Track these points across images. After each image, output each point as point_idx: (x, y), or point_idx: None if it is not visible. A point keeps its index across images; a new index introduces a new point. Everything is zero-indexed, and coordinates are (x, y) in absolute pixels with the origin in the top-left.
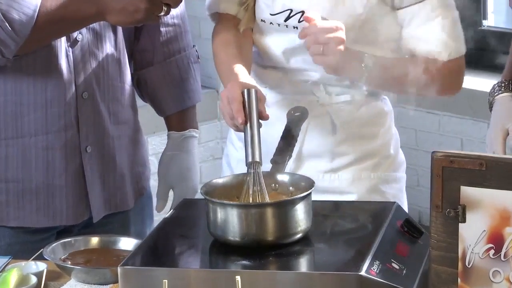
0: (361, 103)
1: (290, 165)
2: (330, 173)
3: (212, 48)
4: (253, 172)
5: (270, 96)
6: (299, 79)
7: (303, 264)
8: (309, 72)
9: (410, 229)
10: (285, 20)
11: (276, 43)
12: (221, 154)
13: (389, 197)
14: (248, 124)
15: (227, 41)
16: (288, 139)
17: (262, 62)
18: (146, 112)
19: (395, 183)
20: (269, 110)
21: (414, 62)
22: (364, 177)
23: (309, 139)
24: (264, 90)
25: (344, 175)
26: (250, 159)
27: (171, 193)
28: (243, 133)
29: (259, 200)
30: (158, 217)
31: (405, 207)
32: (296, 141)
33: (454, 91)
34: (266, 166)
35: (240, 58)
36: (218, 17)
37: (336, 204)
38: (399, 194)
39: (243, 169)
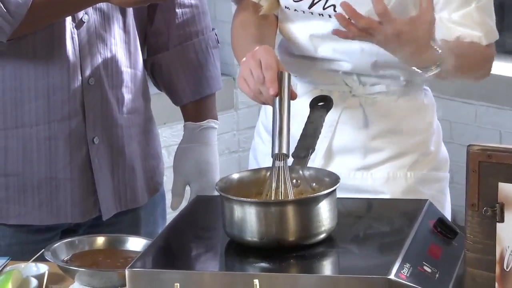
0: (399, 94)
1: (318, 161)
2: (362, 171)
3: (231, 30)
4: (280, 166)
5: (299, 86)
6: (329, 68)
7: (327, 267)
8: (340, 62)
9: (444, 229)
10: (309, 7)
11: (302, 30)
12: (237, 147)
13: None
14: (278, 107)
15: (247, 22)
16: (311, 131)
17: (290, 50)
18: (156, 102)
19: (435, 183)
20: (298, 102)
21: (459, 46)
22: (399, 176)
23: (340, 133)
24: (294, 79)
25: (378, 173)
26: (276, 151)
27: (187, 189)
28: (271, 125)
29: (282, 198)
30: (170, 216)
31: (448, 210)
32: (320, 133)
33: (484, 77)
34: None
35: (261, 38)
36: (239, 1)
37: (364, 202)
38: (439, 196)
39: (270, 164)
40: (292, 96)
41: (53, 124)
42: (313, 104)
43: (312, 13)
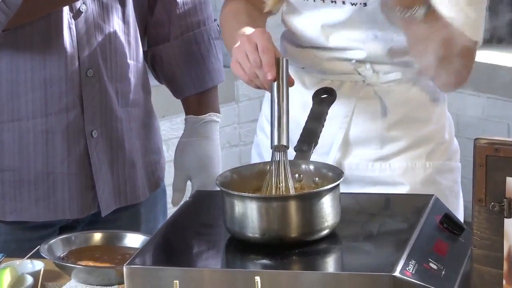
0: (413, 82)
1: (334, 154)
2: (380, 162)
3: (220, 19)
4: (279, 159)
5: (309, 78)
6: (341, 57)
7: (330, 263)
8: (353, 50)
9: (450, 225)
10: None
11: (312, 21)
12: (238, 141)
13: (444, 189)
14: (276, 95)
15: (237, 10)
16: (314, 124)
17: (295, 42)
18: (155, 94)
19: (450, 173)
20: (308, 93)
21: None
22: (418, 166)
23: (356, 124)
24: (301, 72)
25: (396, 163)
26: (276, 142)
27: (188, 184)
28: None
29: (283, 192)
30: (172, 212)
31: (461, 202)
32: (323, 126)
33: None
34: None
35: (254, 26)
36: None
37: (367, 197)
38: (454, 186)
39: None
40: (290, 82)
41: (50, 117)
42: (316, 96)
43: (323, 1)
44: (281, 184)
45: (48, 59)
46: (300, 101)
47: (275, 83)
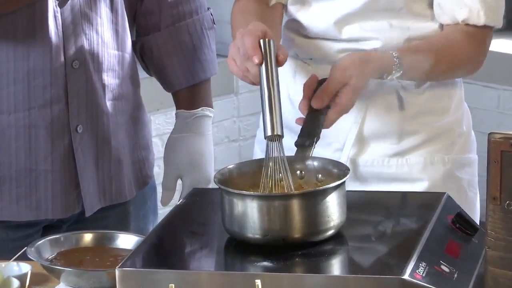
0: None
1: (348, 150)
2: (398, 157)
3: (231, 16)
4: (275, 152)
5: (317, 69)
6: (355, 48)
7: (335, 266)
8: (368, 41)
9: (463, 224)
10: None
11: (324, 13)
12: (237, 135)
13: (464, 184)
14: (265, 79)
15: (246, 9)
16: (316, 117)
17: (302, 32)
18: (148, 86)
19: (469, 167)
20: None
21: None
22: (437, 161)
23: (371, 117)
24: (309, 63)
25: (414, 158)
26: (269, 132)
27: (179, 182)
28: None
29: (280, 188)
30: (163, 211)
31: (478, 197)
32: (325, 119)
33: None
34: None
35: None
36: None
37: (375, 195)
38: (473, 180)
39: None
40: (279, 61)
41: (33, 111)
42: (319, 85)
43: None
44: (278, 180)
45: (31, 49)
46: None
47: (263, 66)
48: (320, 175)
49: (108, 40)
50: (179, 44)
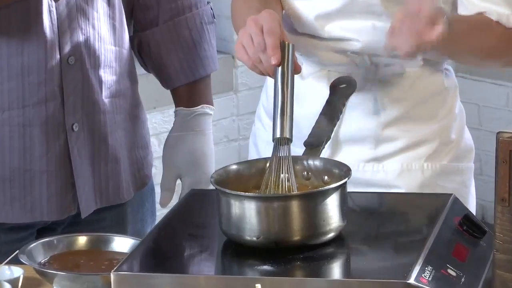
0: (416, 75)
1: (323, 151)
2: (373, 163)
3: (231, 4)
4: (281, 154)
5: (304, 66)
6: (337, 48)
7: (337, 269)
8: (349, 41)
9: (471, 227)
10: None
11: (307, 8)
12: (237, 135)
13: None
14: (280, 82)
15: None
16: (330, 116)
17: (293, 27)
18: (145, 83)
19: (456, 175)
20: (303, 83)
21: (488, 26)
22: (415, 168)
23: (348, 120)
24: (298, 59)
25: (390, 165)
26: (278, 134)
27: (178, 182)
28: (272, 108)
29: (285, 191)
30: (160, 213)
31: (472, 206)
32: (339, 120)
33: (509, 65)
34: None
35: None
36: None
37: (379, 196)
38: (461, 189)
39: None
40: (297, 69)
41: (27, 109)
42: (334, 86)
43: None
44: (282, 182)
45: (26, 45)
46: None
47: (279, 68)
48: (326, 177)
49: (105, 35)
50: (178, 39)
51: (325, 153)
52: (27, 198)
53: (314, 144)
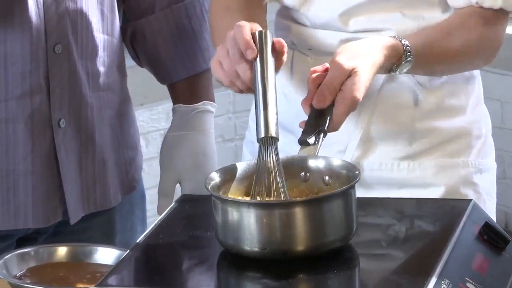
0: None
1: (351, 152)
2: (409, 161)
3: (209, 17)
4: (267, 153)
5: (316, 61)
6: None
7: (344, 284)
8: (378, 32)
9: (492, 236)
10: None
11: (328, 6)
12: (233, 134)
13: (482, 192)
14: (259, 75)
15: (229, 5)
16: (322, 111)
17: (299, 21)
18: (130, 77)
19: (487, 172)
20: (292, 82)
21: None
22: (453, 165)
23: (380, 116)
24: (307, 53)
25: (428, 162)
26: (262, 134)
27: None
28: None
29: (274, 195)
30: (151, 220)
31: (493, 207)
32: (331, 114)
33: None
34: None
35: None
36: None
37: (391, 202)
38: (491, 189)
39: None
40: (277, 49)
41: (11, 103)
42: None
43: None
44: (272, 187)
45: (9, 32)
46: (304, 88)
47: (257, 61)
48: (327, 177)
49: (94, 21)
50: (177, 29)
51: (353, 153)
52: (11, 203)
53: (310, 142)
